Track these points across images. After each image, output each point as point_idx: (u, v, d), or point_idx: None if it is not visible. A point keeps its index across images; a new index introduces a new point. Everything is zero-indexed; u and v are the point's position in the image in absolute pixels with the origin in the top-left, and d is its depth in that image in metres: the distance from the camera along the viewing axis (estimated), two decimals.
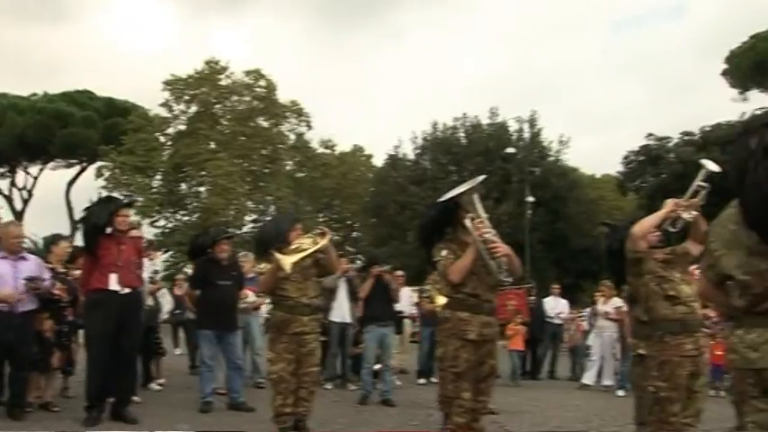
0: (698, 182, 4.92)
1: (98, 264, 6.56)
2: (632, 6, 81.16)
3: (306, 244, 6.09)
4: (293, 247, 6.07)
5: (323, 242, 6.10)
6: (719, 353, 9.18)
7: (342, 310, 9.87)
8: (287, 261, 5.80)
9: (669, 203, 4.78)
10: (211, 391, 7.79)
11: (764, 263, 2.52)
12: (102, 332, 6.52)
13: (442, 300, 6.07)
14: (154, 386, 9.24)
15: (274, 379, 6.12)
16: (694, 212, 4.80)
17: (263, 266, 6.45)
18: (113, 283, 6.50)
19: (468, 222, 4.85)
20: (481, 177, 5.14)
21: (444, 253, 4.98)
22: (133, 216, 7.95)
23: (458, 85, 73.89)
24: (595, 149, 66.62)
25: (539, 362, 13.78)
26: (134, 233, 7.06)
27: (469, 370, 4.94)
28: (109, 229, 6.65)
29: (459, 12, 76.85)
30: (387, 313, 9.04)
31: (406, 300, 11.58)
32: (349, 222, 44.72)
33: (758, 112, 2.88)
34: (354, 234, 44.85)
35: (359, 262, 13.52)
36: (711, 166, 4.93)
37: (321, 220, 44.32)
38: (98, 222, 6.64)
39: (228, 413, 7.58)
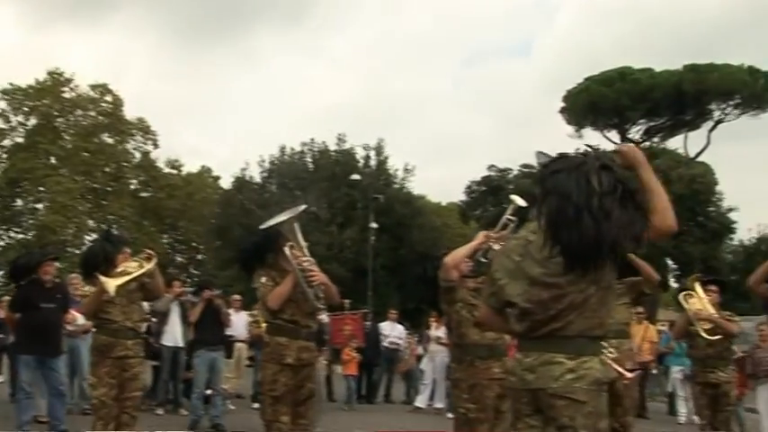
0: (507, 215, 5.32)
1: None
2: (482, 44, 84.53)
3: (132, 267, 6.04)
4: (119, 269, 6.02)
5: (149, 266, 6.07)
6: None
7: (174, 334, 9.76)
8: (111, 284, 5.71)
9: (480, 235, 5.12)
10: (30, 419, 7.51)
11: (546, 292, 2.80)
12: None
13: None
14: None
15: (96, 404, 5.97)
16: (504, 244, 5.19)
17: (88, 289, 6.35)
18: None
19: (287, 251, 5.00)
20: (302, 207, 5.33)
21: (264, 279, 5.11)
22: None
23: (308, 110, 74.25)
24: (443, 178, 68.79)
25: (374, 386, 14.03)
26: None
27: (288, 394, 5.07)
28: None
29: (314, 37, 77.61)
30: (217, 337, 9.06)
31: (243, 324, 11.58)
32: (194, 244, 43.99)
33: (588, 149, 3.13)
34: (199, 256, 44.14)
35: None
36: (520, 201, 5.36)
37: (165, 241, 43.37)
38: None
39: None
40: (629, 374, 4.96)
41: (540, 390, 2.77)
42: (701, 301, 7.03)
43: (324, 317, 12.45)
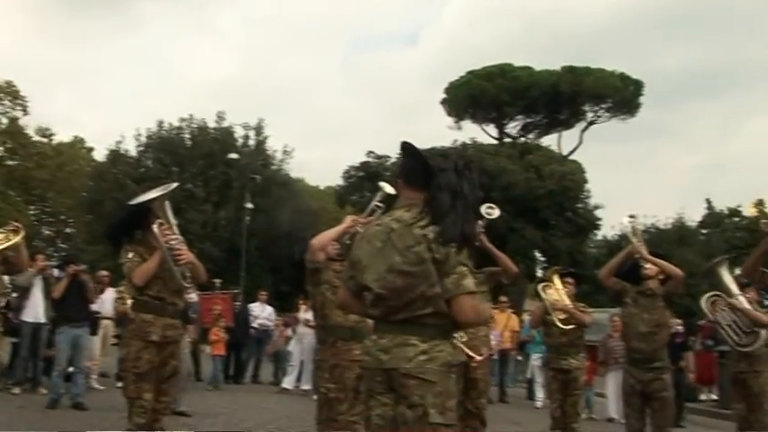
0: (375, 202, 5.47)
1: None
2: (372, 29, 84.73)
3: None
4: None
5: (15, 239, 5.91)
6: None
7: (35, 309, 9.44)
8: None
9: (348, 219, 5.25)
10: None
11: (401, 280, 2.94)
12: None
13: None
14: None
15: None
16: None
17: None
18: None
19: (155, 228, 4.98)
20: (174, 185, 5.32)
21: (130, 255, 5.07)
22: None
23: (190, 85, 72.83)
24: (323, 162, 68.83)
25: (242, 366, 14.03)
26: None
27: (152, 371, 5.05)
28: None
29: (200, 10, 75.80)
30: (81, 314, 8.84)
31: (110, 301, 11.32)
32: (63, 217, 42.35)
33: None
34: (68, 230, 42.58)
35: None
36: (388, 188, 5.53)
37: (32, 212, 41.56)
38: None
39: None
40: (478, 357, 5.21)
41: (393, 369, 2.91)
42: (557, 292, 7.39)
43: (193, 296, 12.34)
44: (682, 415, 11.28)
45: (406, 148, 3.16)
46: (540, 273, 37.65)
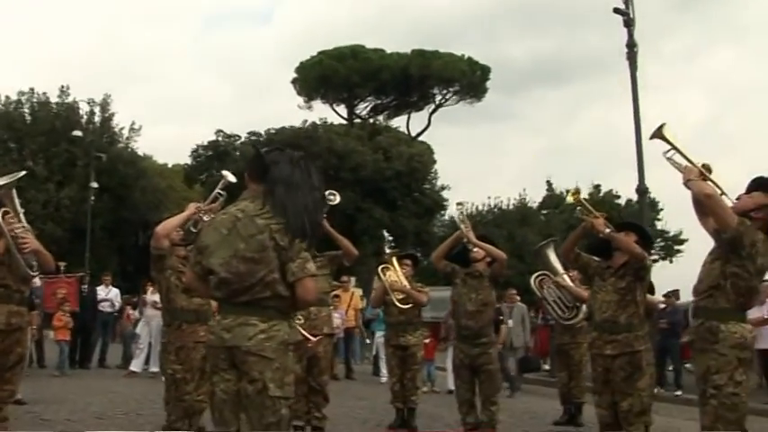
0: (218, 189, 5.73)
1: None
2: (226, 5, 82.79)
3: None
4: None
5: None
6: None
7: None
8: None
9: (191, 206, 5.47)
10: None
11: (243, 266, 3.22)
12: None
13: None
14: None
15: None
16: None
17: None
18: None
19: (0, 216, 5.02)
20: (21, 173, 5.36)
21: None
22: None
23: (31, 56, 68.89)
24: (170, 139, 67.07)
25: (89, 351, 13.83)
26: None
27: None
28: None
29: None
30: None
31: None
32: None
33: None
34: None
35: None
36: (230, 177, 5.81)
37: None
38: None
39: None
40: (313, 339, 5.57)
41: (235, 347, 3.20)
42: (396, 273, 7.86)
43: (36, 280, 12.07)
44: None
45: (252, 145, 3.47)
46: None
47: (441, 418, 8.36)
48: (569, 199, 6.08)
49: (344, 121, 44.07)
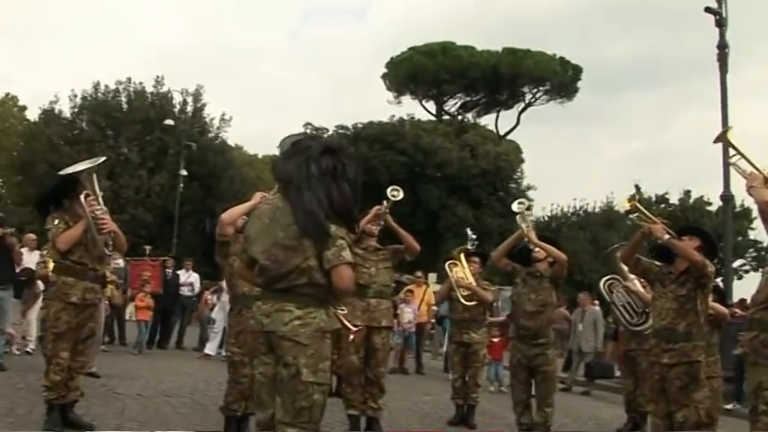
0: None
1: None
2: (322, 1, 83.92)
3: None
4: None
5: None
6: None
7: None
8: None
9: (257, 195, 5.62)
10: None
11: (282, 253, 3.34)
12: None
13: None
14: None
15: None
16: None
17: None
18: None
19: (82, 198, 5.32)
20: (102, 159, 5.70)
21: (56, 222, 5.43)
22: None
23: (132, 48, 71.42)
24: (266, 131, 68.45)
25: (168, 332, 14.31)
26: None
27: (69, 331, 5.43)
28: None
29: None
30: (6, 276, 9.01)
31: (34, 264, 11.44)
32: None
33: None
34: None
35: None
36: None
37: None
38: None
39: None
40: (353, 329, 5.66)
41: (272, 332, 3.32)
42: (463, 270, 7.92)
43: (120, 261, 12.61)
44: None
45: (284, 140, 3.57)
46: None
47: (502, 417, 8.33)
48: (626, 204, 6.02)
49: (433, 118, 44.12)
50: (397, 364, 13.68)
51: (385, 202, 6.64)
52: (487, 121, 44.65)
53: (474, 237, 38.58)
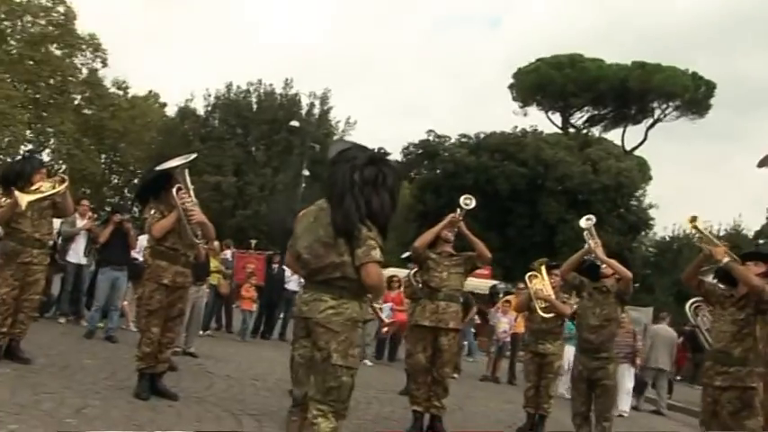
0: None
1: None
2: (455, 8, 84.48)
3: (46, 187, 6.85)
4: (34, 187, 6.81)
5: (60, 188, 6.89)
6: None
7: (78, 252, 10.64)
8: (24, 199, 6.53)
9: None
10: None
11: (322, 249, 3.75)
12: None
13: None
14: None
15: None
16: None
17: (4, 201, 7.14)
18: None
19: (174, 191, 5.92)
20: (193, 156, 6.27)
21: (152, 212, 6.07)
22: None
23: (268, 48, 74.13)
24: (394, 134, 69.53)
25: (272, 323, 15.01)
26: None
27: (161, 309, 6.05)
28: None
29: None
30: (122, 258, 9.85)
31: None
32: (132, 168, 44.14)
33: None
34: (135, 180, 44.32)
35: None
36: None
37: (103, 161, 43.44)
38: None
39: None
40: (386, 320, 5.93)
41: (309, 318, 3.73)
42: (542, 282, 8.10)
43: (228, 253, 13.42)
44: None
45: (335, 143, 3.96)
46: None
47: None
48: (688, 226, 6.07)
49: (559, 130, 43.76)
50: (489, 372, 13.89)
51: (459, 210, 6.95)
52: (614, 135, 43.88)
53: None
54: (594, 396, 6.83)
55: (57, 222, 9.34)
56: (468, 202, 6.99)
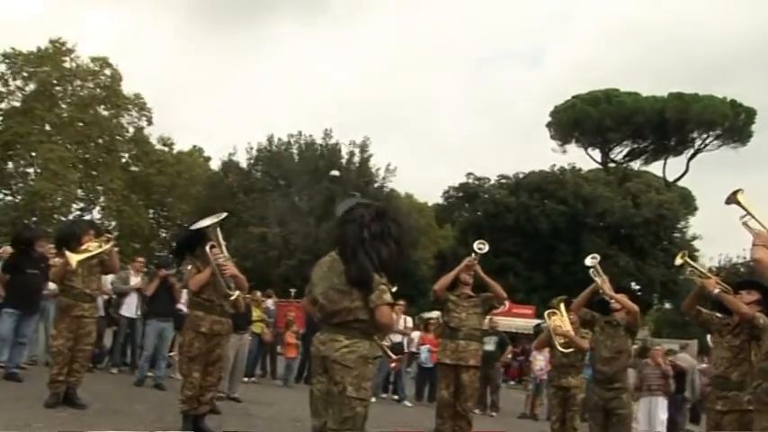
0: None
1: None
2: (496, 47, 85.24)
3: (93, 246, 7.53)
4: (83, 247, 7.49)
5: (106, 247, 7.56)
6: None
7: (131, 306, 11.26)
8: (74, 258, 7.22)
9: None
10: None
11: (337, 295, 4.26)
12: None
13: None
14: None
15: (54, 351, 7.50)
16: None
17: (57, 260, 7.87)
18: None
19: (207, 249, 6.50)
20: (224, 215, 6.84)
21: (189, 267, 6.67)
22: None
23: (311, 99, 75.73)
24: (437, 178, 70.14)
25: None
26: None
27: (200, 355, 6.60)
28: None
29: (333, 28, 78.77)
30: (168, 310, 10.46)
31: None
32: (179, 222, 45.22)
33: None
34: None
35: None
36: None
37: (151, 216, 44.70)
38: None
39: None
40: (394, 356, 6.36)
41: (326, 357, 4.23)
42: (561, 318, 8.46)
43: (269, 302, 14.00)
44: None
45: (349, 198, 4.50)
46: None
47: None
48: (678, 260, 6.46)
49: (599, 165, 43.89)
50: (527, 410, 14.16)
51: (473, 254, 7.43)
52: (656, 168, 43.85)
53: (637, 287, 37.78)
54: (611, 425, 7.16)
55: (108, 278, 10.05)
56: (481, 246, 7.48)
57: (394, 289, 7.97)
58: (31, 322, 9.34)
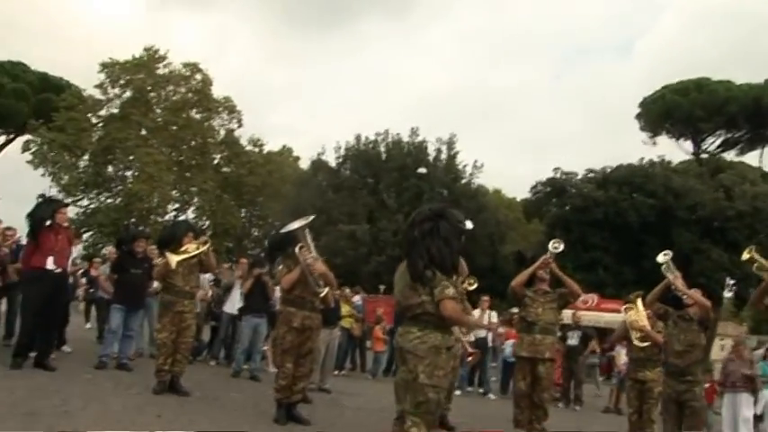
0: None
1: (39, 248, 8.37)
2: (584, 40, 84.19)
3: (192, 247, 8.22)
4: (183, 248, 8.17)
5: (203, 248, 8.25)
6: None
7: (233, 303, 12.01)
8: (173, 259, 7.97)
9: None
10: (109, 353, 9.64)
11: (408, 292, 4.67)
12: (36, 300, 8.31)
13: None
14: (65, 348, 10.99)
15: (159, 344, 8.27)
16: None
17: (159, 260, 8.61)
18: (50, 263, 8.31)
19: (297, 250, 7.02)
20: (311, 217, 7.35)
21: (281, 267, 7.23)
22: (58, 194, 9.89)
23: (402, 97, 76.41)
24: (526, 173, 69.64)
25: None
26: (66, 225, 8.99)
27: (292, 348, 7.14)
28: (49, 222, 8.46)
29: (419, 26, 79.32)
30: (262, 307, 11.09)
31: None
32: (270, 220, 46.37)
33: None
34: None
35: None
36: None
37: (243, 215, 46.03)
38: (43, 216, 8.46)
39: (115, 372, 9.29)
40: (471, 350, 6.70)
41: (402, 348, 4.66)
42: (638, 313, 8.67)
43: (358, 298, 14.54)
44: None
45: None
46: (727, 295, 37.12)
47: None
48: (745, 255, 6.60)
49: (689, 157, 42.87)
50: (611, 404, 14.29)
51: (548, 253, 7.76)
52: (751, 158, 42.51)
53: (732, 282, 36.85)
54: (683, 416, 7.36)
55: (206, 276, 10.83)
56: (556, 245, 7.80)
57: (474, 285, 8.45)
58: (136, 317, 10.13)
